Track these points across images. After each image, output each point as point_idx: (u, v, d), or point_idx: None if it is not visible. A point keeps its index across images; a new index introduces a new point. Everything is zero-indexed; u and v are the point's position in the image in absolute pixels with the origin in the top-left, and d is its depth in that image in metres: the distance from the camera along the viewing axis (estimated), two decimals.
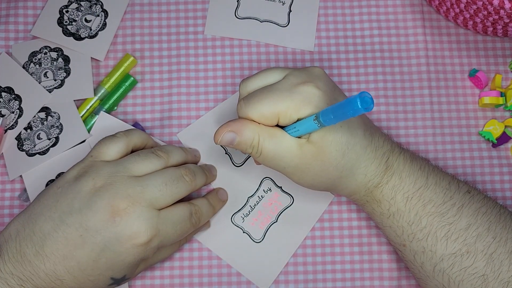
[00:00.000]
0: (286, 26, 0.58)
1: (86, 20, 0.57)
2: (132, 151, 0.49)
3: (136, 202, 0.44)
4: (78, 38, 0.57)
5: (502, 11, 0.49)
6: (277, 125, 0.45)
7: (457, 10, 0.53)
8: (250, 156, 0.55)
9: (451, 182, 0.46)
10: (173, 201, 0.46)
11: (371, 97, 0.36)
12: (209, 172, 0.53)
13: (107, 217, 0.43)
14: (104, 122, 0.55)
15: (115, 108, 0.56)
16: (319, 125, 0.41)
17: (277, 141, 0.44)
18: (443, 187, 0.46)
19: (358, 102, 0.36)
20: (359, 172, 0.45)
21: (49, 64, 0.56)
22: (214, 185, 0.54)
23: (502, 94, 0.55)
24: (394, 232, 0.47)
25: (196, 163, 0.54)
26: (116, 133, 0.49)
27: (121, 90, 0.56)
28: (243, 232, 0.54)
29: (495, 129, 0.55)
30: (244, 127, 0.44)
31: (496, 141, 0.55)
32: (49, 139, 0.54)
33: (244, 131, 0.44)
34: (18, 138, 0.55)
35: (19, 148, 0.55)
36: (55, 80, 0.56)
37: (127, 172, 0.46)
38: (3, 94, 0.55)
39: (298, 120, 0.43)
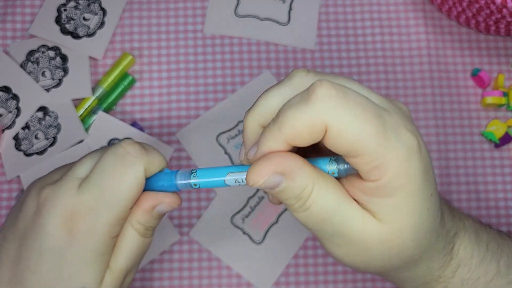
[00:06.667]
0: (287, 24, 0.57)
1: (84, 19, 0.56)
2: None
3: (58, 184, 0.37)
4: (76, 36, 0.56)
5: (504, 10, 0.49)
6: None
7: (460, 9, 0.53)
8: None
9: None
10: None
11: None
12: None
13: (33, 211, 0.37)
14: (103, 122, 0.54)
15: (114, 107, 0.55)
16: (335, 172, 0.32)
17: (335, 196, 0.31)
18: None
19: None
20: (421, 264, 0.35)
21: (47, 63, 0.56)
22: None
23: (505, 94, 0.55)
24: None
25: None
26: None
27: (120, 89, 0.55)
28: (243, 233, 0.53)
29: (498, 129, 0.55)
30: (298, 168, 0.30)
31: (498, 142, 0.55)
32: (47, 139, 0.54)
33: (298, 174, 0.30)
34: (16, 138, 0.54)
35: (16, 148, 0.54)
36: (53, 79, 0.55)
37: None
38: (1, 93, 0.55)
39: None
